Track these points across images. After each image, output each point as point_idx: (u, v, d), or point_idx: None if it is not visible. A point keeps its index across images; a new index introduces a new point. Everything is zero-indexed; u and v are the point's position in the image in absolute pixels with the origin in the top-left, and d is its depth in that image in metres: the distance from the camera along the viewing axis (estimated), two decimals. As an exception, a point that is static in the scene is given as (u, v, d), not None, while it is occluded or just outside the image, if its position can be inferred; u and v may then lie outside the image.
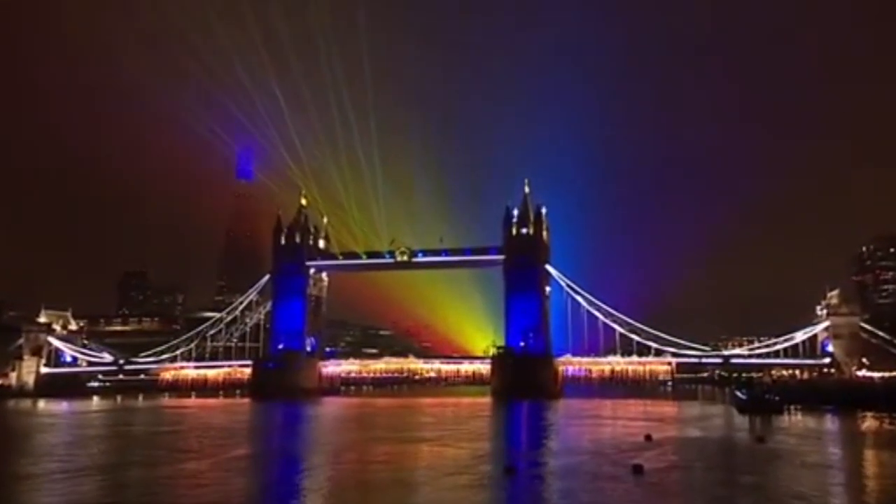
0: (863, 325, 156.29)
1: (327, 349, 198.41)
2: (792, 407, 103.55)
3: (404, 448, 61.21)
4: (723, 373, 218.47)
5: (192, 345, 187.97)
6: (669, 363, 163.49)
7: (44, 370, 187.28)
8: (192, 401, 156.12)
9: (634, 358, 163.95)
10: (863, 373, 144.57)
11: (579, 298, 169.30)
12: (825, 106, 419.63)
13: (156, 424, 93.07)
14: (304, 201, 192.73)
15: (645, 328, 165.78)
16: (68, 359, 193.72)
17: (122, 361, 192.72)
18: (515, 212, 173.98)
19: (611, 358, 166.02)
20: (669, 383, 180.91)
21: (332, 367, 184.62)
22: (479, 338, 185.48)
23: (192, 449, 61.57)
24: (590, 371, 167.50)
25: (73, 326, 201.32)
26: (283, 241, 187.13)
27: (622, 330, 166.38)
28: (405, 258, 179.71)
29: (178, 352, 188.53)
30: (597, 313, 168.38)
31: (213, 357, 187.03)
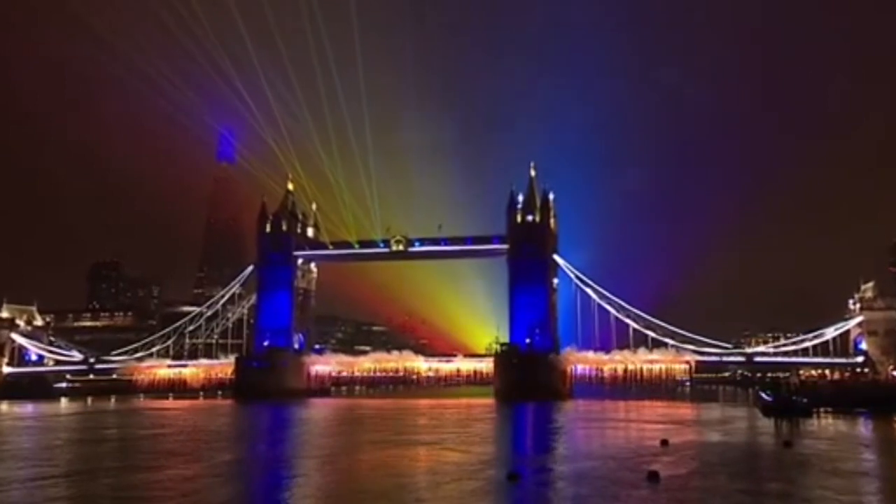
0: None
1: (316, 346, 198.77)
2: (821, 410, 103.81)
3: (402, 452, 61.50)
4: (746, 372, 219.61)
5: (170, 342, 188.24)
6: (687, 362, 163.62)
7: (6, 370, 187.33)
8: (170, 402, 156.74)
9: (649, 355, 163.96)
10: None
11: (589, 291, 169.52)
12: (854, 95, 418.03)
13: (131, 427, 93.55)
14: (290, 186, 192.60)
15: (661, 324, 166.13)
16: (33, 357, 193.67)
17: (92, 360, 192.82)
18: (520, 197, 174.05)
19: (623, 353, 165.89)
20: (687, 383, 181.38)
21: (320, 366, 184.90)
22: (481, 334, 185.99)
23: (173, 454, 61.83)
24: (601, 370, 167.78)
25: (38, 322, 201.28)
26: (268, 229, 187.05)
27: (636, 326, 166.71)
28: (401, 247, 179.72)
29: (153, 349, 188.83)
30: (608, 307, 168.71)
31: (193, 355, 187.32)
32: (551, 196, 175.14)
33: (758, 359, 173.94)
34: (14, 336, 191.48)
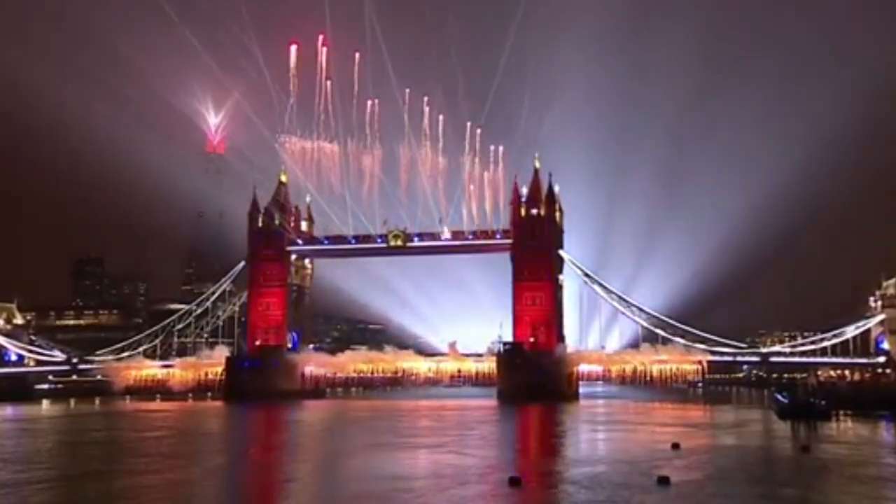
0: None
1: (311, 346, 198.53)
2: (841, 412, 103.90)
3: (402, 456, 61.91)
4: (761, 373, 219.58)
5: (157, 341, 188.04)
6: (699, 361, 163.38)
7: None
8: (158, 404, 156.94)
9: (659, 355, 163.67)
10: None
11: (596, 288, 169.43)
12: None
13: (120, 430, 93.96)
14: (283, 178, 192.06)
15: (672, 321, 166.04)
16: (13, 357, 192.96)
17: (75, 360, 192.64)
18: (524, 190, 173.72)
19: (631, 352, 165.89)
20: (699, 384, 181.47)
21: (309, 367, 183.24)
22: (483, 332, 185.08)
23: (166, 458, 62.33)
24: (608, 370, 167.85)
25: (18, 320, 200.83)
26: (259, 223, 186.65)
27: (646, 324, 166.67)
28: (399, 243, 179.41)
29: (140, 349, 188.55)
30: (616, 305, 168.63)
31: (181, 355, 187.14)
32: (557, 188, 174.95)
33: (774, 359, 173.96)
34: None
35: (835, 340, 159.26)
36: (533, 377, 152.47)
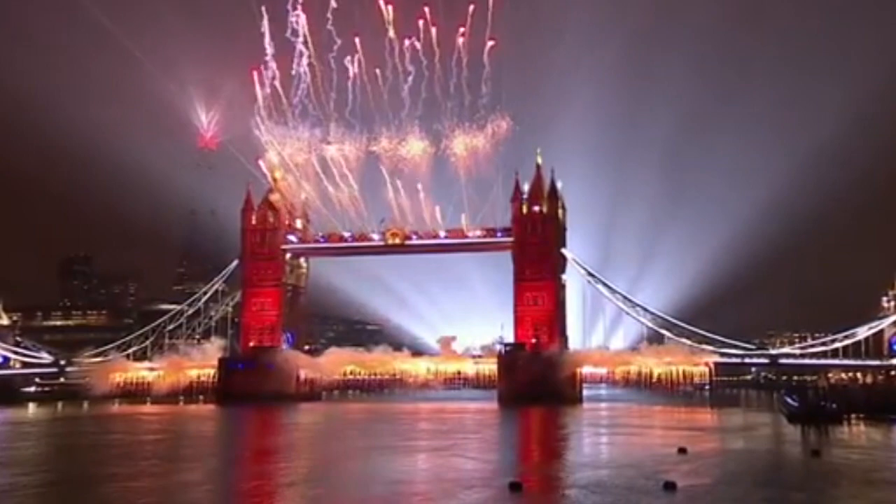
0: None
1: (306, 347, 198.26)
2: (852, 416, 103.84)
3: (403, 459, 62.17)
4: (770, 375, 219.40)
5: (148, 342, 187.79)
6: (706, 363, 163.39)
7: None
8: (148, 408, 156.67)
9: (665, 357, 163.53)
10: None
11: (600, 287, 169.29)
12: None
13: (111, 434, 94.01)
14: (277, 174, 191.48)
15: (678, 322, 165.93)
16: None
17: (63, 362, 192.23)
18: (526, 187, 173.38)
19: (636, 353, 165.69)
20: (706, 387, 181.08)
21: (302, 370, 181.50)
22: (484, 333, 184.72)
23: (160, 462, 62.60)
24: (612, 372, 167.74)
25: (3, 321, 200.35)
26: (253, 221, 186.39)
27: (651, 325, 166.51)
28: (397, 241, 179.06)
29: (130, 350, 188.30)
30: (621, 305, 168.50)
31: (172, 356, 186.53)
32: (560, 185, 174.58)
33: (783, 360, 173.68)
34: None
35: (846, 342, 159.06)
36: (535, 379, 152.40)
